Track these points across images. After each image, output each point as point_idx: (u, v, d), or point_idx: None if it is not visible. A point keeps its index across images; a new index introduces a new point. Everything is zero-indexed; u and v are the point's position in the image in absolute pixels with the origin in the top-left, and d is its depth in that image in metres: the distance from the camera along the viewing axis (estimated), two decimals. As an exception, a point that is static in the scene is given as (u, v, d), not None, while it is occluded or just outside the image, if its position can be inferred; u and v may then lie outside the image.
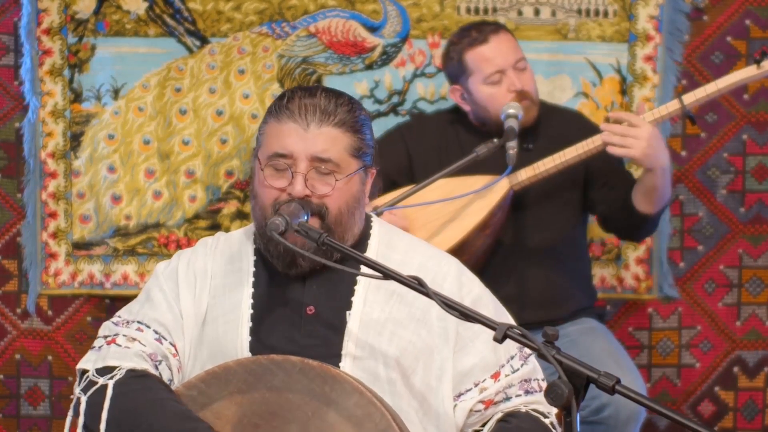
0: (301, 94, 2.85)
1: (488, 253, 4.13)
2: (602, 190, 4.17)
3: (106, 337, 2.87)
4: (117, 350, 2.82)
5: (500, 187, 4.06)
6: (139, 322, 2.87)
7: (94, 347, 2.86)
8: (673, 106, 4.03)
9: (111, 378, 2.77)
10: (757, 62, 3.99)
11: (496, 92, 4.12)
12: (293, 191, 2.80)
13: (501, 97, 4.11)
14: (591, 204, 4.22)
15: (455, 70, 4.20)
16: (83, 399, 2.77)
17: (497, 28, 4.20)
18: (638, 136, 3.89)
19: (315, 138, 2.81)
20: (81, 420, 2.77)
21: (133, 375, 2.78)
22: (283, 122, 2.82)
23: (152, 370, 2.81)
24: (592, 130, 4.13)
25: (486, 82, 4.14)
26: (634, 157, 3.91)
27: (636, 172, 4.27)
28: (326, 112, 2.82)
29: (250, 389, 2.72)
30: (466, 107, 4.22)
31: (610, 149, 3.95)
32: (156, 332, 2.86)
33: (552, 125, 4.24)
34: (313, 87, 2.91)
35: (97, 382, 2.78)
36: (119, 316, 2.91)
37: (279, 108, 2.85)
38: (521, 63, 4.15)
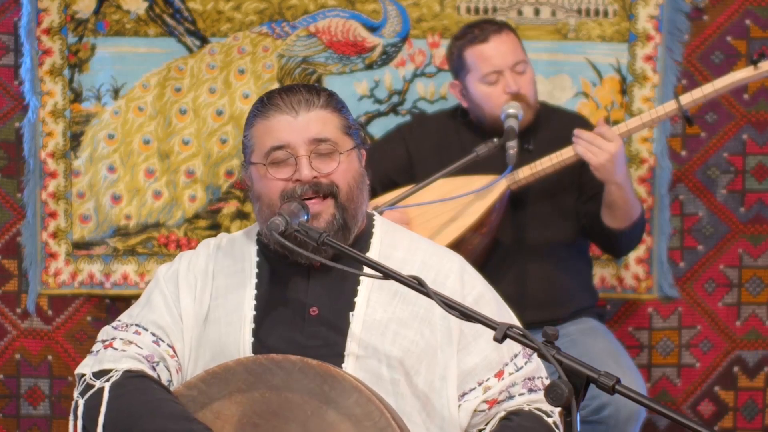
0: (279, 91, 2.89)
1: (486, 253, 4.14)
2: (587, 203, 4.18)
3: (104, 341, 2.88)
4: (113, 353, 2.83)
5: (497, 187, 4.07)
6: (137, 325, 2.88)
7: (92, 351, 2.88)
8: (670, 106, 4.04)
9: (107, 380, 2.78)
10: (755, 63, 4.00)
11: (492, 92, 4.13)
12: (301, 176, 2.81)
13: (496, 98, 4.13)
14: (578, 215, 4.24)
15: (455, 65, 4.21)
16: (81, 402, 2.79)
17: (500, 27, 4.20)
18: (603, 148, 3.94)
19: (307, 122, 2.83)
20: (80, 423, 2.78)
21: (129, 376, 2.78)
22: (271, 117, 2.84)
23: (149, 372, 2.81)
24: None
25: (483, 81, 4.15)
26: (591, 163, 3.97)
27: None
28: (309, 100, 2.85)
29: (249, 389, 2.72)
30: (464, 103, 4.24)
31: (575, 147, 3.99)
32: (154, 335, 2.86)
33: (552, 126, 4.24)
34: (290, 85, 2.94)
35: (93, 386, 2.78)
36: (119, 320, 2.93)
37: (262, 108, 2.87)
38: (520, 66, 4.15)
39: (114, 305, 4.58)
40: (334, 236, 2.79)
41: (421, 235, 3.03)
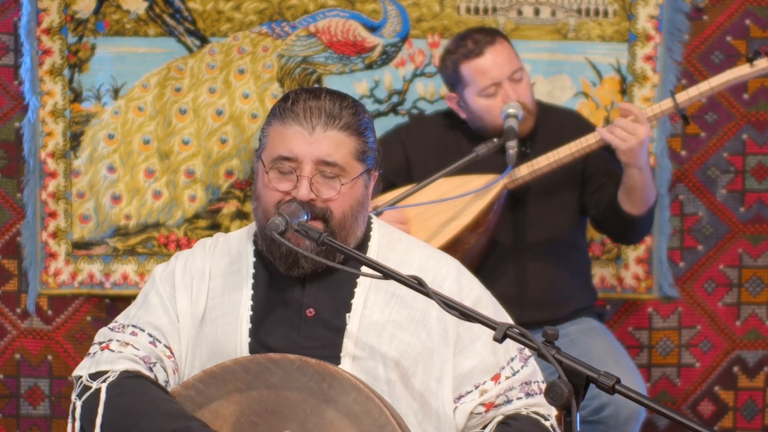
0: (306, 96, 2.83)
1: (484, 252, 4.14)
2: (595, 194, 4.17)
3: (100, 343, 2.88)
4: (110, 355, 2.83)
5: (494, 186, 4.06)
6: (133, 326, 2.88)
7: (89, 354, 2.88)
8: (666, 104, 4.04)
9: (104, 381, 2.78)
10: (750, 61, 4.00)
11: (492, 104, 4.13)
12: (298, 195, 2.79)
13: (496, 109, 4.12)
14: (584, 207, 4.23)
15: (451, 79, 4.20)
16: (78, 404, 2.79)
17: (493, 38, 4.18)
18: (634, 133, 3.92)
19: (320, 142, 2.80)
20: (78, 425, 2.78)
21: (126, 376, 2.78)
22: (288, 125, 2.81)
23: (145, 372, 2.81)
24: (588, 128, 4.14)
25: (481, 94, 4.14)
26: (619, 147, 3.94)
27: None
28: (331, 116, 2.81)
29: (248, 388, 2.72)
30: (463, 115, 4.22)
31: (601, 133, 3.97)
32: (150, 335, 2.86)
33: (549, 126, 4.24)
34: (317, 89, 2.89)
35: (90, 387, 2.79)
36: (116, 322, 2.92)
37: (283, 110, 2.83)
38: (518, 74, 4.14)
39: (114, 305, 4.58)
40: (317, 254, 2.77)
41: (418, 239, 3.03)
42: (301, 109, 2.81)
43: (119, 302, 4.52)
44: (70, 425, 2.81)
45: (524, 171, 4.09)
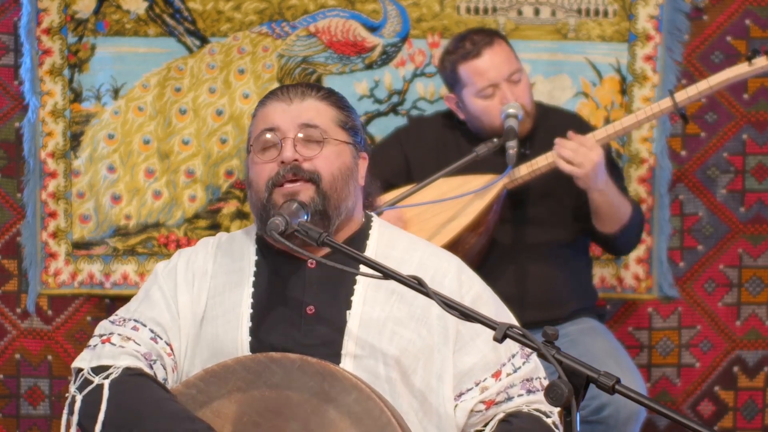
0: (282, 86, 2.95)
1: (483, 253, 4.14)
2: (584, 206, 4.18)
3: (101, 335, 2.87)
4: (111, 349, 2.82)
5: (493, 186, 4.07)
6: (135, 320, 2.87)
7: (89, 345, 2.86)
8: (665, 103, 4.05)
9: (107, 377, 2.77)
10: (749, 59, 4.00)
11: (489, 105, 4.13)
12: (283, 157, 2.83)
13: (493, 110, 4.13)
14: (584, 217, 4.24)
15: (449, 79, 4.21)
16: (78, 397, 2.77)
17: (491, 39, 4.18)
18: (586, 158, 3.96)
19: (300, 109, 2.87)
20: (75, 418, 2.76)
21: (129, 374, 2.77)
22: (267, 104, 2.91)
23: (147, 370, 2.80)
24: (588, 130, 4.14)
25: (479, 95, 4.14)
26: (575, 175, 3.97)
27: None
28: (306, 91, 2.90)
29: (249, 387, 2.72)
30: (461, 115, 4.23)
31: (558, 162, 4.00)
32: (152, 331, 2.86)
33: (549, 128, 4.24)
34: (295, 84, 2.98)
35: (92, 381, 2.77)
36: (117, 315, 2.92)
37: (263, 99, 2.93)
38: (516, 75, 4.14)
39: (114, 305, 4.57)
40: (312, 222, 2.79)
41: (418, 236, 3.03)
42: (279, 91, 2.92)
43: (119, 302, 4.50)
44: (65, 417, 2.77)
45: (524, 171, 4.10)
